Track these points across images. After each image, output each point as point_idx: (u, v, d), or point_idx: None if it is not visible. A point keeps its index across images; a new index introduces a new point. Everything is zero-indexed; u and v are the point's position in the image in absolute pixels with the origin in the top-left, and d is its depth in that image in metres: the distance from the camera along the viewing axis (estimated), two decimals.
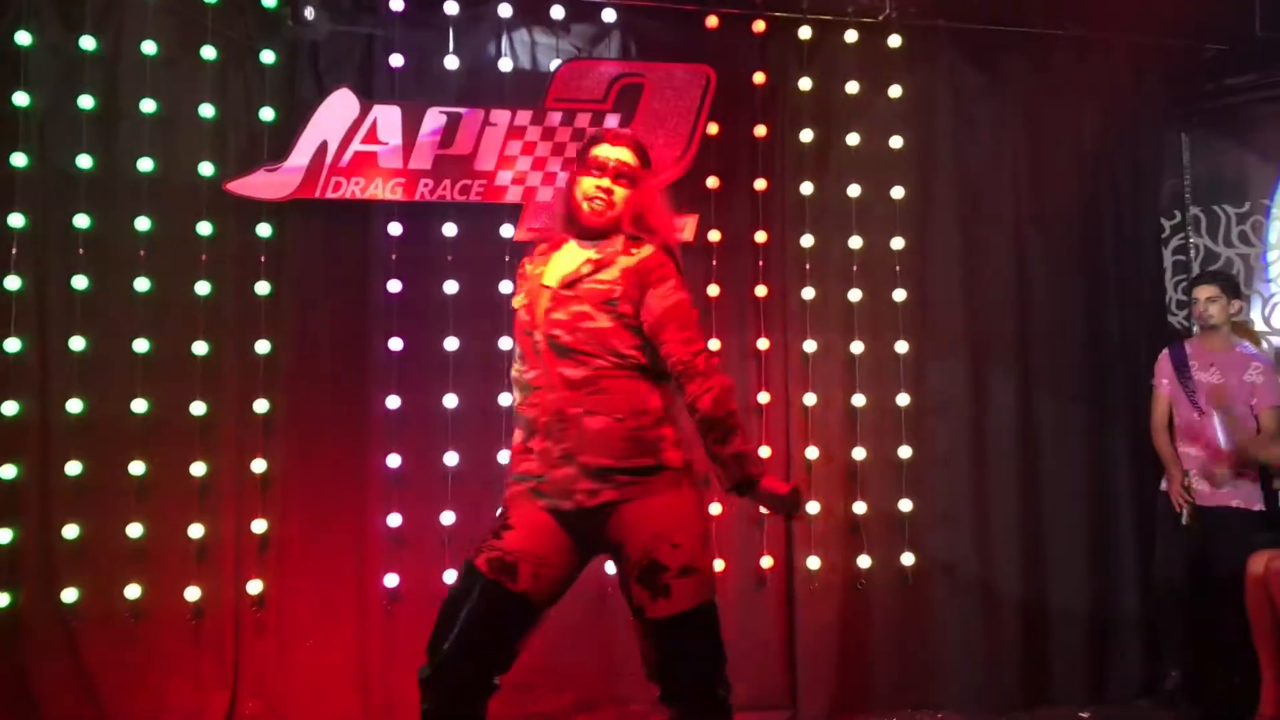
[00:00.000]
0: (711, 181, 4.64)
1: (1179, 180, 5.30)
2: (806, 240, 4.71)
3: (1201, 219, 5.32)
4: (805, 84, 4.76)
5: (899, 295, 4.76)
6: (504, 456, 4.32)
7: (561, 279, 2.77)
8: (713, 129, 4.64)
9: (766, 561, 4.58)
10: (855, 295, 4.74)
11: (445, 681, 2.58)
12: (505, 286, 4.42)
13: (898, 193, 4.78)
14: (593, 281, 2.75)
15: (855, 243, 4.74)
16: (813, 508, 4.60)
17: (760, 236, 4.69)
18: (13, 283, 4.12)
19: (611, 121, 4.53)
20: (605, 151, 2.84)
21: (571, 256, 2.84)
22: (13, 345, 4.11)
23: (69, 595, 4.09)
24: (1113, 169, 5.03)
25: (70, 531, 4.11)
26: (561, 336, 2.71)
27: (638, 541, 2.64)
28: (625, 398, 2.71)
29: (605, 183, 2.81)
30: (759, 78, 4.71)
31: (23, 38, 4.17)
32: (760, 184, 4.70)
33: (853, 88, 4.78)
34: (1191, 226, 5.30)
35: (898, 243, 4.77)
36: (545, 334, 2.73)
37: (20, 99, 4.17)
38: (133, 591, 4.16)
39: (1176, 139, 5.31)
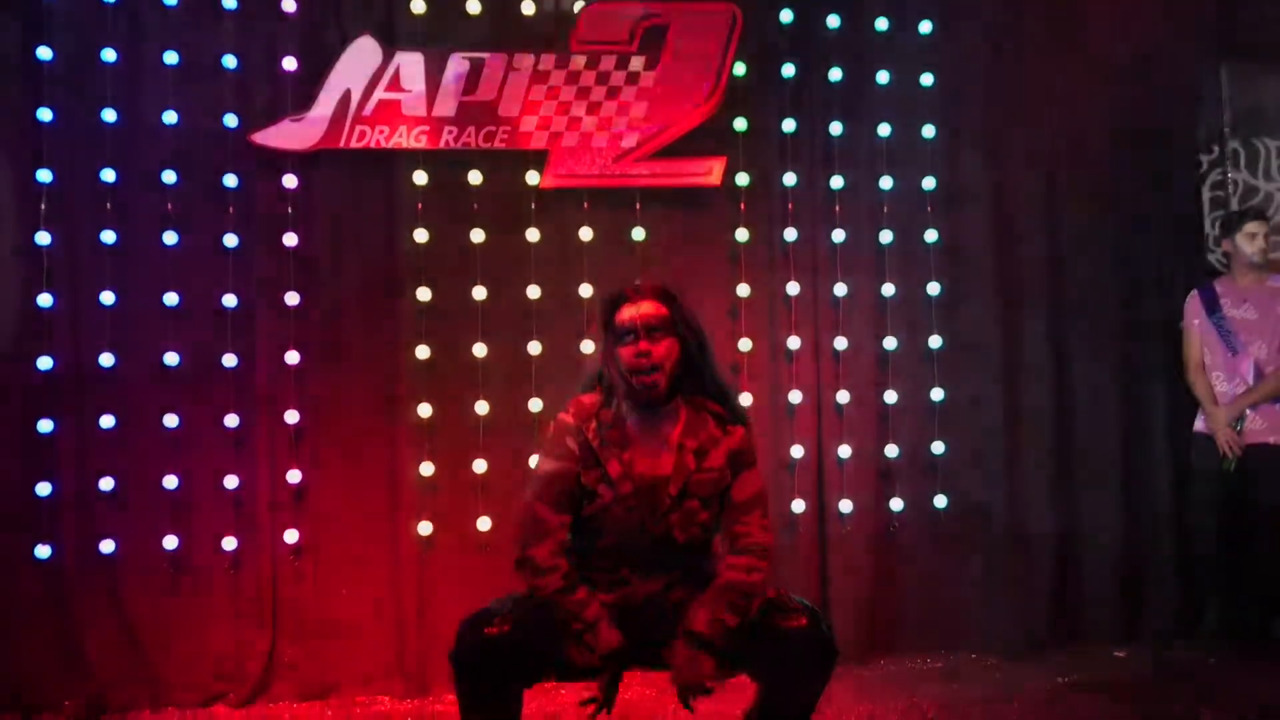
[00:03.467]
0: (739, 123, 4.57)
1: (1218, 113, 5.17)
2: (836, 182, 4.65)
3: (1241, 153, 5.20)
4: (833, 21, 4.67)
5: (930, 236, 4.70)
6: (535, 405, 4.34)
7: (676, 479, 2.68)
8: (740, 69, 4.57)
9: (799, 506, 4.57)
10: (886, 237, 4.68)
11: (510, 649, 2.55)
12: (532, 235, 4.40)
13: (928, 131, 4.71)
14: (702, 472, 2.71)
15: (886, 183, 4.68)
16: (844, 451, 4.59)
17: (789, 179, 4.63)
18: (43, 238, 4.13)
19: (636, 64, 4.47)
20: (629, 314, 2.70)
21: (659, 442, 2.72)
22: (45, 300, 4.13)
23: (107, 547, 4.15)
24: (1148, 102, 4.92)
25: (106, 484, 4.16)
26: (676, 535, 2.68)
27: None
28: (701, 575, 2.71)
29: (642, 349, 2.67)
30: (786, 16, 4.63)
31: None
32: (789, 125, 4.63)
33: (882, 24, 4.69)
34: (1230, 161, 5.19)
35: (929, 182, 4.70)
36: (658, 533, 2.67)
37: (44, 53, 4.15)
38: (171, 542, 4.20)
39: (1215, 71, 5.17)
